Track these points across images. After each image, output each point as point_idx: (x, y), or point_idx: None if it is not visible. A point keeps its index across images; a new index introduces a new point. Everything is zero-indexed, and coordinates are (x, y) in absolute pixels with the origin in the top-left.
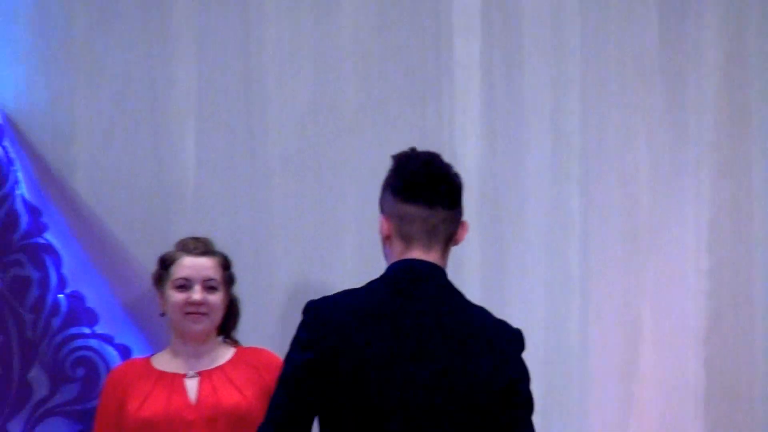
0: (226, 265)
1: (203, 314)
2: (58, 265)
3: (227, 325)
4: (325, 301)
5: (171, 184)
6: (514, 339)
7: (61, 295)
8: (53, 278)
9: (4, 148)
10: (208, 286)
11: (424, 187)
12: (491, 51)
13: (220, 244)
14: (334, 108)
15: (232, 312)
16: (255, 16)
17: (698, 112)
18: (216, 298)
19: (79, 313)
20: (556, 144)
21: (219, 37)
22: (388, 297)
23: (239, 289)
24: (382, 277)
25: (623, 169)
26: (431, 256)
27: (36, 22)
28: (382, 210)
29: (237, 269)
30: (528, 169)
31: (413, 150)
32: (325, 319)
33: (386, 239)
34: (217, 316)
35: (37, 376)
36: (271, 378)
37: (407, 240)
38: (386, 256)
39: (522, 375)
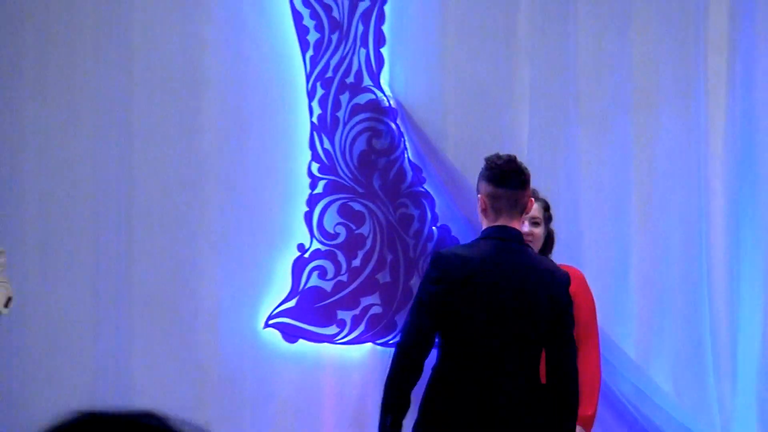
0: (546, 207)
1: (529, 241)
2: (432, 206)
3: (545, 249)
4: (448, 251)
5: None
6: (564, 279)
7: (434, 227)
8: (429, 215)
9: (396, 125)
10: (533, 222)
11: (508, 177)
12: (734, 63)
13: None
14: (625, 97)
15: (549, 241)
16: (572, 26)
17: None
18: (539, 231)
19: (446, 239)
20: None
21: (549, 48)
22: (489, 249)
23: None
24: (483, 236)
25: None
26: (514, 224)
27: (417, 36)
28: (479, 192)
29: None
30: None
31: (497, 154)
32: (450, 264)
33: (483, 211)
34: (539, 243)
35: (416, 283)
36: (580, 288)
37: (498, 212)
38: (481, 222)
39: (568, 302)
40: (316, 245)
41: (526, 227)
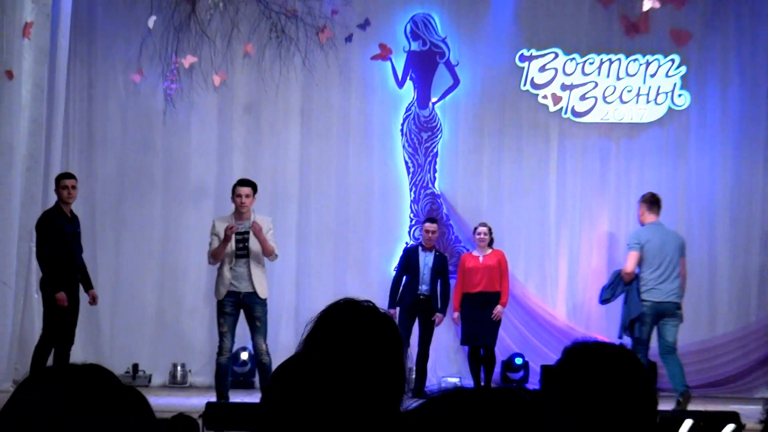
0: (490, 228)
1: (483, 240)
2: (453, 231)
3: (490, 244)
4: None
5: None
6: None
7: (452, 238)
8: (453, 234)
9: (440, 201)
10: (485, 234)
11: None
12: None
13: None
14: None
15: (491, 241)
16: (495, 158)
17: None
18: (488, 237)
19: (457, 246)
20: None
21: (500, 166)
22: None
23: None
24: None
25: None
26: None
27: (448, 170)
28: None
29: None
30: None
31: None
32: None
33: None
34: (487, 242)
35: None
36: (502, 257)
37: None
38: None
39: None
40: (411, 242)
41: (481, 236)
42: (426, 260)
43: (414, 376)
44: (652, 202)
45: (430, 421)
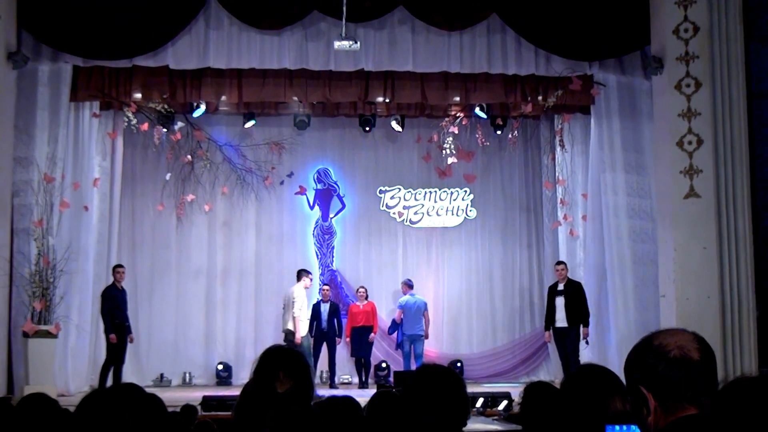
0: (366, 291)
1: (363, 295)
2: (339, 281)
3: (367, 296)
4: None
5: None
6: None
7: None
8: (339, 288)
9: (337, 277)
10: (365, 294)
11: None
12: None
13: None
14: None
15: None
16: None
17: None
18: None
19: (341, 293)
20: None
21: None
22: None
23: None
24: None
25: None
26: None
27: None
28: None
29: None
30: None
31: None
32: None
33: None
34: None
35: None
36: (373, 305)
37: None
38: None
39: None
40: (320, 297)
41: (361, 293)
42: (324, 308)
43: (328, 374)
44: (406, 284)
45: (320, 410)
